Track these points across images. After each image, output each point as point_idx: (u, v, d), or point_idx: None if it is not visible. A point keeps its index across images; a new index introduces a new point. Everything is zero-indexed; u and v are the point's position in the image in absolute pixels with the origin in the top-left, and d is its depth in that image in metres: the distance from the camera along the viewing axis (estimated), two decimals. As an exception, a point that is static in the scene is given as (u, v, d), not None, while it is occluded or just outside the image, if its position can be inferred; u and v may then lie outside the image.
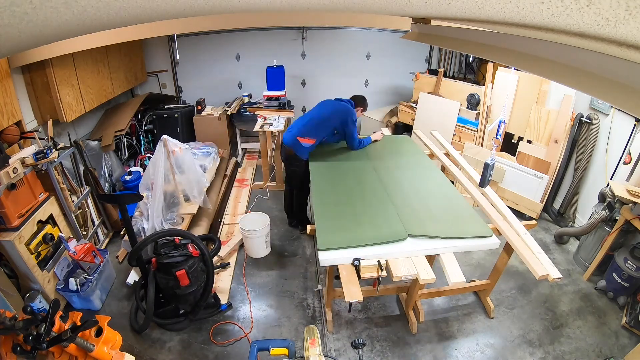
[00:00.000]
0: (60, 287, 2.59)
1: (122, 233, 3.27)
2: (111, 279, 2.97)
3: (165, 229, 2.68)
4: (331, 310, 2.66)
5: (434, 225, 2.15)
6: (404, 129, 5.05)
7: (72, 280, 2.59)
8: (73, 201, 2.89)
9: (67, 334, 1.57)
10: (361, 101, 3.32)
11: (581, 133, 3.51)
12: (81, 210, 3.11)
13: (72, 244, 2.70)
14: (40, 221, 2.53)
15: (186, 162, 3.09)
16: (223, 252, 3.16)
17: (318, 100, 3.39)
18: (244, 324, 2.64)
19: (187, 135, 4.79)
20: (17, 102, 2.68)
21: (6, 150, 2.48)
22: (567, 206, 3.69)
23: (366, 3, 1.01)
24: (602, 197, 3.06)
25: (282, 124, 4.10)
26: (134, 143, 4.46)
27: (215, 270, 2.89)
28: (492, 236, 2.11)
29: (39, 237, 2.49)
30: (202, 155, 3.89)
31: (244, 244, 3.32)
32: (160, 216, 2.91)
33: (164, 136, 2.94)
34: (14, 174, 2.32)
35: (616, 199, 2.82)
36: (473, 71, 5.10)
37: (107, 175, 3.80)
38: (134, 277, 2.90)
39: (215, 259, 2.91)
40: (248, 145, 5.37)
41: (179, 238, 2.39)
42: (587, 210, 3.40)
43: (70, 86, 3.25)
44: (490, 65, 4.04)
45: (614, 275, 2.74)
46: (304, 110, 5.71)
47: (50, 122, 2.95)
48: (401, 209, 2.31)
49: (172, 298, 2.47)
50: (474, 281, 2.79)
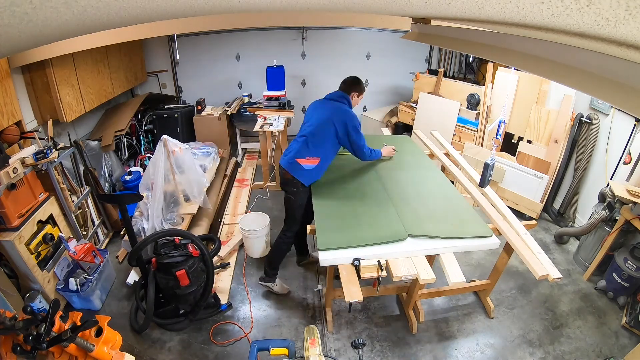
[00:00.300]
0: (60, 287, 2.59)
1: (122, 233, 3.27)
2: (111, 279, 2.97)
3: (165, 229, 2.69)
4: (331, 310, 2.66)
5: (434, 225, 2.15)
6: (404, 129, 5.05)
7: (72, 280, 2.59)
8: (73, 201, 2.89)
9: (67, 334, 1.57)
10: (353, 84, 2.62)
11: (581, 133, 3.51)
12: (81, 210, 3.11)
13: (72, 244, 2.70)
14: (40, 221, 2.53)
15: (186, 162, 3.09)
16: (223, 252, 3.16)
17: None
18: (244, 324, 2.64)
19: (187, 135, 4.79)
20: (17, 102, 2.68)
21: (6, 150, 2.48)
22: (567, 206, 3.69)
23: (366, 3, 1.01)
24: (602, 197, 3.06)
25: (282, 124, 4.09)
26: (134, 143, 4.46)
27: (215, 270, 2.89)
28: (492, 236, 2.11)
29: (39, 237, 2.49)
30: (202, 155, 3.89)
31: (244, 244, 3.32)
32: (160, 216, 2.91)
33: (164, 136, 2.94)
34: (14, 174, 2.32)
35: (616, 199, 2.82)
36: (473, 71, 5.10)
37: (107, 175, 3.80)
38: (134, 277, 2.90)
39: (215, 259, 2.91)
40: (248, 145, 5.37)
41: (179, 238, 2.39)
42: (587, 210, 3.40)
43: (70, 86, 3.25)
44: (490, 65, 4.04)
45: (614, 275, 2.74)
46: (303, 110, 5.69)
47: (50, 122, 2.95)
48: (401, 209, 2.31)
49: (172, 298, 2.47)
50: (474, 281, 2.79)
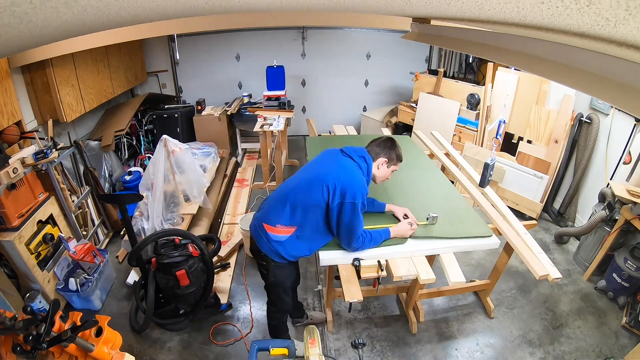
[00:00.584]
0: (60, 287, 2.59)
1: (122, 233, 3.27)
2: (111, 279, 2.97)
3: (165, 229, 2.69)
4: (331, 310, 2.66)
5: (434, 225, 2.15)
6: (404, 129, 5.05)
7: (72, 280, 2.59)
8: (73, 201, 2.89)
9: (67, 334, 1.57)
10: (384, 147, 1.91)
11: (581, 133, 3.51)
12: (81, 210, 3.11)
13: (72, 244, 2.70)
14: (40, 221, 2.53)
15: (186, 162, 3.09)
16: (223, 252, 3.16)
17: (317, 100, 3.08)
18: (244, 324, 2.64)
19: (187, 135, 4.80)
20: (17, 102, 2.68)
21: (6, 150, 2.48)
22: (567, 206, 3.69)
23: (366, 3, 1.01)
24: (602, 197, 3.06)
25: (282, 124, 4.09)
26: (134, 143, 4.46)
27: (215, 270, 2.89)
28: (492, 236, 2.11)
29: (39, 237, 2.49)
30: (202, 155, 3.89)
31: (244, 244, 3.32)
32: (160, 216, 2.91)
33: (164, 136, 2.94)
34: (14, 174, 2.32)
35: (616, 199, 2.82)
36: (473, 71, 5.10)
37: (107, 175, 3.80)
38: (134, 277, 2.90)
39: (215, 259, 2.91)
40: (248, 145, 5.37)
41: (179, 238, 2.39)
42: (587, 210, 3.40)
43: (70, 86, 3.25)
44: (490, 65, 4.04)
45: (614, 275, 2.74)
46: (303, 110, 5.70)
47: (50, 122, 2.95)
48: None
49: (172, 298, 2.47)
50: (474, 281, 2.79)
